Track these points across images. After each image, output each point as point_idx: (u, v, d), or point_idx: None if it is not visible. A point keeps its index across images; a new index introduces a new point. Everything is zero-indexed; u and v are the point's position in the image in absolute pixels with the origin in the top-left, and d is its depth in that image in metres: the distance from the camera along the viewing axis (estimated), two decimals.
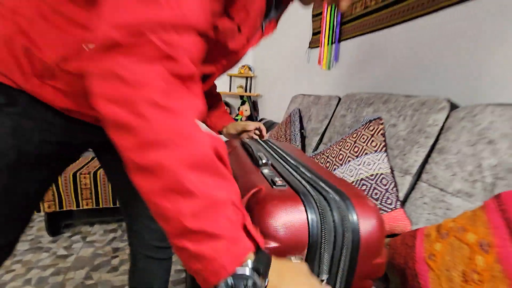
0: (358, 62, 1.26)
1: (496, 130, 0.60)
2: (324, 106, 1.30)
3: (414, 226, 0.67)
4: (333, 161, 0.90)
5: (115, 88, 0.25)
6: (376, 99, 0.99)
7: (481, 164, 0.60)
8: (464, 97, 0.79)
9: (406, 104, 0.85)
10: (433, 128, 0.75)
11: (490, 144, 0.60)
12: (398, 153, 0.81)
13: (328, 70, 1.49)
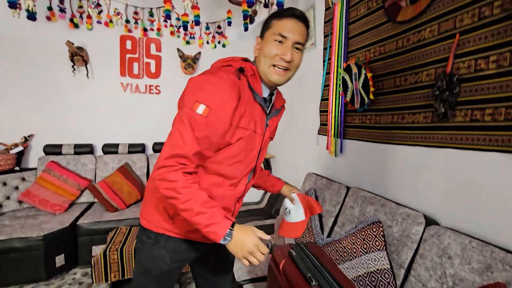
0: (361, 160, 1.66)
1: (452, 250, 0.97)
2: (335, 193, 1.68)
3: None
4: (349, 252, 1.26)
5: (164, 184, 0.72)
6: (376, 200, 1.38)
7: (445, 272, 0.96)
8: (436, 212, 1.17)
9: (397, 212, 1.24)
10: (416, 236, 1.12)
11: (449, 258, 0.97)
12: (394, 249, 1.18)
13: (336, 157, 1.90)
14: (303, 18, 0.83)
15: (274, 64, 0.81)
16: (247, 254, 0.73)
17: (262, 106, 0.86)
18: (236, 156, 0.84)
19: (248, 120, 0.82)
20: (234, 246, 0.74)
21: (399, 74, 1.35)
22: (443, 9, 1.12)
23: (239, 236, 0.73)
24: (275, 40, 0.80)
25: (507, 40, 0.91)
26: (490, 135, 0.96)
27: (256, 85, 0.84)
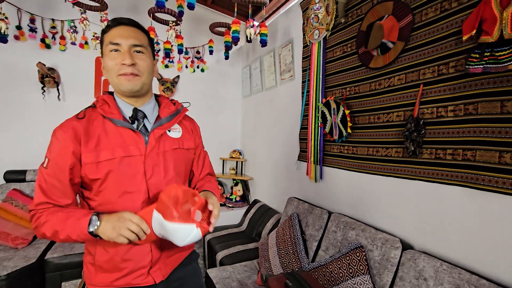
0: (340, 186, 1.81)
1: (426, 272, 1.11)
2: (318, 217, 1.79)
3: None
4: (336, 277, 1.36)
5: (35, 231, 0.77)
6: (356, 225, 1.51)
7: None
8: (410, 237, 1.33)
9: (376, 237, 1.37)
10: (394, 260, 1.26)
11: (425, 280, 1.11)
12: (376, 272, 1.30)
13: (316, 183, 2.03)
14: (131, 22, 0.83)
15: (119, 74, 0.79)
16: (119, 226, 0.69)
17: (127, 127, 0.82)
18: (117, 189, 0.80)
19: (110, 149, 0.79)
20: (103, 229, 0.71)
21: (373, 113, 1.53)
22: (408, 63, 1.33)
23: (106, 217, 0.72)
24: (110, 50, 0.78)
25: (460, 95, 1.12)
26: (451, 172, 1.15)
27: (112, 112, 0.81)
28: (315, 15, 1.96)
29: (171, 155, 0.88)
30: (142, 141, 0.83)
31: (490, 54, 1.00)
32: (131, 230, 0.70)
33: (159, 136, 0.86)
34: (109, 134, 0.80)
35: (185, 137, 0.94)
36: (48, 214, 0.75)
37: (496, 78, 1.01)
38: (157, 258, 0.86)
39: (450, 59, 1.16)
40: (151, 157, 0.84)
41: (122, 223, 0.70)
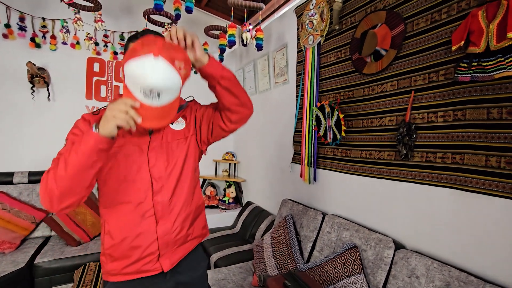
0: (334, 188, 1.85)
1: (418, 270, 1.17)
2: (312, 219, 1.83)
3: None
4: (331, 277, 1.40)
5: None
6: (350, 226, 1.56)
7: None
8: (402, 237, 1.38)
9: (370, 237, 1.42)
10: (387, 259, 1.31)
11: (417, 278, 1.16)
12: (370, 271, 1.35)
13: (309, 184, 2.07)
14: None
15: None
16: (114, 112, 0.67)
17: None
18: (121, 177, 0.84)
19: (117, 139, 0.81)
20: (102, 122, 0.68)
21: (366, 117, 1.59)
22: (400, 70, 1.39)
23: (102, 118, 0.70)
24: None
25: (450, 101, 1.18)
26: (441, 174, 1.21)
27: None
28: (310, 21, 2.01)
29: (175, 146, 0.93)
30: (146, 133, 0.89)
31: (477, 64, 1.07)
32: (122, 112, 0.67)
33: (163, 129, 0.91)
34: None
35: (189, 127, 0.98)
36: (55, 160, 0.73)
37: (482, 87, 1.07)
38: (165, 246, 0.89)
39: (440, 67, 1.22)
40: (154, 148, 0.89)
41: (117, 109, 0.68)
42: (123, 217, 0.86)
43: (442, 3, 1.22)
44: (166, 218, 0.90)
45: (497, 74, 1.01)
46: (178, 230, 0.92)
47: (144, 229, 0.87)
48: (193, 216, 0.99)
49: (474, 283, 1.00)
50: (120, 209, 0.86)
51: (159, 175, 0.88)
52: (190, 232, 0.97)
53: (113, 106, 0.68)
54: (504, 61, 1.00)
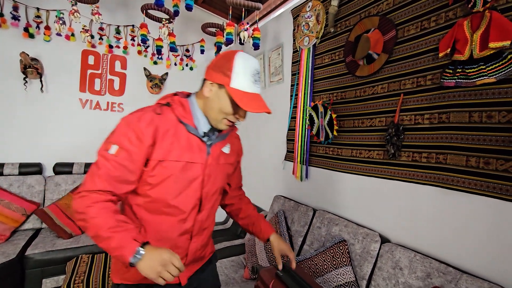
0: (324, 185, 1.92)
1: (402, 262, 1.24)
2: (303, 214, 1.90)
3: None
4: (321, 269, 1.47)
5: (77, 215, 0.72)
6: (340, 221, 1.63)
7: (398, 280, 1.23)
8: (388, 231, 1.46)
9: (358, 232, 1.50)
10: (374, 252, 1.38)
11: (400, 269, 1.24)
12: (357, 264, 1.42)
13: (301, 182, 2.14)
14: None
15: (228, 120, 0.85)
16: (160, 269, 0.67)
17: (198, 136, 0.86)
18: (174, 190, 0.84)
19: (180, 151, 0.82)
20: (144, 266, 0.67)
21: (358, 118, 1.66)
22: (391, 73, 1.47)
23: (150, 254, 0.68)
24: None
25: (435, 105, 1.26)
26: (426, 173, 1.29)
27: (186, 117, 0.85)
28: (306, 22, 2.06)
29: (222, 168, 0.95)
30: (205, 151, 0.88)
31: (461, 71, 1.14)
32: (167, 274, 0.68)
33: (218, 150, 0.93)
34: (180, 137, 0.83)
35: (232, 152, 1.01)
36: (100, 210, 0.71)
37: (465, 92, 1.15)
38: (191, 261, 0.94)
39: (428, 72, 1.29)
40: (210, 167, 0.90)
41: (165, 265, 0.68)
42: (163, 228, 0.85)
43: (431, 11, 1.29)
44: (199, 236, 0.93)
45: (479, 81, 1.09)
46: (203, 248, 0.99)
47: (179, 244, 0.89)
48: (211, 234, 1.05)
49: (452, 273, 1.08)
50: (163, 219, 0.85)
51: (207, 194, 0.91)
52: (208, 249, 1.04)
53: (164, 265, 0.67)
54: (485, 69, 1.08)
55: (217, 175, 0.93)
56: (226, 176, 1.01)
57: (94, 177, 0.75)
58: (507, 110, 1.03)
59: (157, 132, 0.79)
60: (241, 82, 0.80)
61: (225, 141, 0.96)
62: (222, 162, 0.94)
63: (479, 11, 1.09)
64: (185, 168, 0.84)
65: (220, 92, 0.82)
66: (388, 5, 1.49)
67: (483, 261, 1.07)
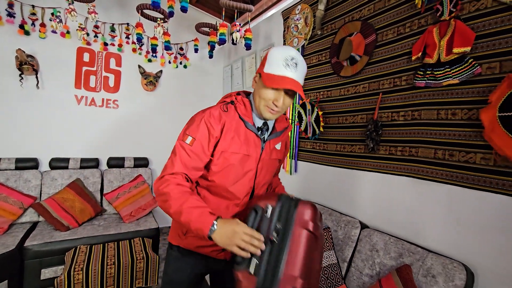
0: (311, 178, 2.05)
1: (378, 245, 1.38)
2: None
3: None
4: None
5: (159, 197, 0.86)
6: (325, 211, 1.76)
7: (374, 261, 1.36)
8: (367, 218, 1.60)
9: (341, 220, 1.63)
10: (354, 237, 1.52)
11: (376, 251, 1.37)
12: (339, 248, 1.55)
13: (291, 175, 2.26)
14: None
15: (268, 105, 0.91)
16: (239, 241, 0.75)
17: (254, 132, 0.96)
18: (232, 178, 0.96)
19: (239, 145, 0.93)
20: (220, 237, 0.76)
21: (342, 115, 1.79)
22: (371, 74, 1.59)
23: (224, 225, 0.77)
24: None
25: (409, 103, 1.39)
26: (400, 165, 1.43)
27: (246, 115, 0.96)
28: (295, 25, 2.18)
29: (273, 163, 1.05)
30: (260, 146, 0.98)
31: (430, 73, 1.28)
32: (244, 240, 0.75)
33: (271, 146, 1.02)
34: (240, 132, 0.95)
35: (282, 149, 1.10)
36: (180, 191, 0.83)
37: (434, 92, 1.29)
38: None
39: (403, 74, 1.43)
40: (263, 161, 0.99)
41: (236, 237, 0.75)
42: (221, 208, 0.98)
43: (407, 18, 1.42)
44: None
45: (445, 82, 1.23)
46: None
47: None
48: None
49: (420, 253, 1.22)
50: (222, 201, 0.98)
51: (259, 185, 1.02)
52: None
53: (237, 235, 0.75)
54: (450, 71, 1.21)
55: (268, 168, 1.03)
56: (275, 169, 1.10)
57: (173, 162, 0.89)
58: (468, 108, 1.17)
59: (224, 127, 0.92)
60: (272, 67, 0.87)
61: (278, 139, 1.05)
62: (274, 157, 1.04)
63: (446, 20, 1.23)
64: (243, 160, 0.95)
65: (259, 81, 0.92)
66: (369, 11, 1.62)
67: (446, 241, 1.22)
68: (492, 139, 1.06)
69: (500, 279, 1.05)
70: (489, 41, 1.10)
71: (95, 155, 2.92)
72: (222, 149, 0.92)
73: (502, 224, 1.05)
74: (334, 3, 1.86)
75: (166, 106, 3.29)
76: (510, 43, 1.05)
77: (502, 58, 1.07)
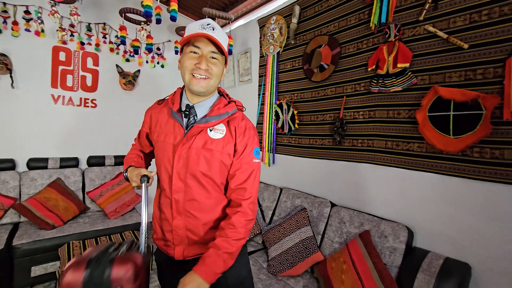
0: (288, 168, 2.36)
1: (345, 218, 1.73)
2: (272, 193, 2.32)
3: (325, 257, 1.72)
4: (288, 230, 1.90)
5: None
6: (301, 195, 2.08)
7: (342, 230, 1.71)
8: (336, 198, 1.95)
9: (315, 201, 1.96)
10: (326, 214, 1.86)
11: (344, 223, 1.72)
12: (314, 224, 1.89)
13: (269, 167, 2.55)
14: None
15: (192, 73, 0.87)
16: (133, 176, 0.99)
17: (176, 118, 0.93)
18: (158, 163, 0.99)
19: (160, 133, 0.97)
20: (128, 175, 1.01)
21: (313, 113, 2.11)
22: (337, 80, 1.93)
23: (130, 170, 1.02)
24: (190, 51, 0.88)
25: (366, 105, 1.75)
26: (361, 154, 1.79)
27: (172, 102, 0.96)
28: (271, 33, 2.45)
29: (201, 153, 0.89)
30: (181, 134, 0.92)
31: (382, 81, 1.64)
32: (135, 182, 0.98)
33: (197, 133, 0.90)
34: (162, 120, 0.98)
35: (226, 140, 0.92)
36: (132, 149, 1.18)
37: (384, 96, 1.66)
38: (179, 239, 0.94)
39: (361, 81, 1.78)
40: (180, 149, 0.89)
41: (133, 173, 0.99)
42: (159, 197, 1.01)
43: (364, 36, 1.77)
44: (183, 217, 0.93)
45: (392, 89, 1.59)
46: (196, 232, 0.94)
47: (167, 215, 0.96)
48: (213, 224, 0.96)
49: (376, 221, 1.59)
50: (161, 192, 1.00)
51: (179, 174, 0.91)
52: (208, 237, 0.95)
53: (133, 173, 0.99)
54: (396, 81, 1.58)
55: (193, 158, 0.89)
56: (214, 165, 0.91)
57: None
58: (408, 109, 1.55)
59: (151, 118, 1.06)
60: (189, 32, 0.87)
61: (208, 124, 0.90)
62: (200, 146, 0.89)
63: (392, 41, 1.59)
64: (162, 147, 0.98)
65: (182, 56, 0.91)
66: (335, 27, 1.95)
67: (395, 210, 1.60)
68: (424, 133, 1.44)
69: (432, 236, 1.45)
70: (422, 59, 1.48)
71: (75, 155, 2.93)
72: (151, 137, 1.04)
73: (434, 195, 1.45)
74: (306, 18, 2.17)
75: (145, 104, 3.36)
76: (435, 62, 1.43)
77: (430, 73, 1.45)
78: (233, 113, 0.95)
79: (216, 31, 0.85)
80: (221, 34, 0.86)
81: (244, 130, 0.95)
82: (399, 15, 1.58)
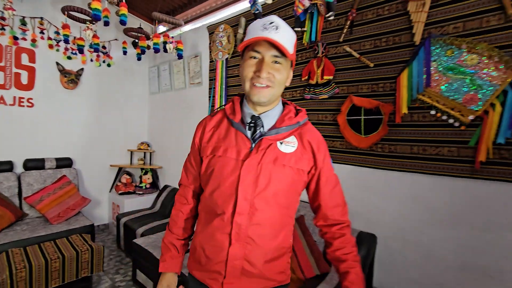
0: None
1: None
2: None
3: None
4: None
5: None
6: None
7: None
8: None
9: None
10: None
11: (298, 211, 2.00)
12: None
13: None
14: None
15: (252, 82, 0.77)
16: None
17: (240, 130, 0.81)
18: (211, 184, 0.82)
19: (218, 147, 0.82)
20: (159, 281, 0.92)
21: None
22: None
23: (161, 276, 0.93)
24: (250, 57, 0.77)
25: None
26: None
27: (233, 113, 0.84)
28: (220, 40, 2.64)
29: (272, 169, 0.78)
30: (247, 147, 0.79)
31: (313, 90, 1.96)
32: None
33: (266, 146, 0.79)
34: (221, 133, 0.84)
35: (299, 154, 0.81)
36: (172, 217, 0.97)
37: (315, 102, 1.98)
38: (232, 271, 0.80)
39: (297, 89, 2.08)
40: (247, 165, 0.78)
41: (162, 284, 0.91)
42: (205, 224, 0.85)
43: (299, 50, 2.07)
44: (245, 244, 0.79)
45: (321, 96, 1.92)
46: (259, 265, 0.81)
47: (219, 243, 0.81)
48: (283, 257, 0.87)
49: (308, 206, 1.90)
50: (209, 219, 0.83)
51: (244, 195, 0.77)
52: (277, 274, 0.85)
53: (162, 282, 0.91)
54: (324, 90, 1.91)
55: (263, 176, 0.78)
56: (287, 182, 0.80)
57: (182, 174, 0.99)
58: (332, 114, 1.89)
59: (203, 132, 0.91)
60: (250, 35, 0.77)
61: (279, 136, 0.80)
62: (271, 161, 0.78)
63: (320, 56, 1.91)
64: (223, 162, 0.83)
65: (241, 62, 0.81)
66: None
67: None
68: (344, 133, 1.79)
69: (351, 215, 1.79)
70: (342, 73, 1.83)
71: (8, 158, 2.71)
72: (202, 154, 0.85)
73: (350, 182, 1.80)
74: None
75: (89, 104, 3.25)
76: (351, 76, 1.79)
77: (348, 84, 1.81)
78: (304, 123, 0.86)
79: (280, 30, 0.74)
80: (286, 34, 0.76)
81: (318, 142, 0.86)
82: (325, 35, 1.91)
